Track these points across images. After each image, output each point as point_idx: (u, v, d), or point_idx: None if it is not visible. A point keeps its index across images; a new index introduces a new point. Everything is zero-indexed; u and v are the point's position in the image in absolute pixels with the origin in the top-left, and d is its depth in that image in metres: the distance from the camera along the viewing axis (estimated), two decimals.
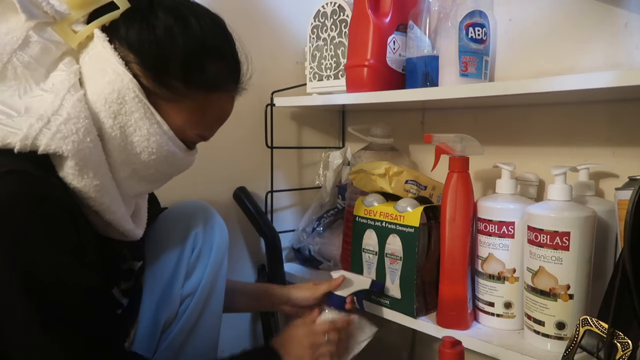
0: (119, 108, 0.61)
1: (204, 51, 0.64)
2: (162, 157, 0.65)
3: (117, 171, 0.64)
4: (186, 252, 0.81)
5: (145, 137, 0.63)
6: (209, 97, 0.66)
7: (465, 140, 0.83)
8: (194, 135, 0.68)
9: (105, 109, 0.60)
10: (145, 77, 0.62)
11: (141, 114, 0.62)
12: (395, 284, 0.90)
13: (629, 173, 0.76)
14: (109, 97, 0.60)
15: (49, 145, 0.55)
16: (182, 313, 0.80)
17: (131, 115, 0.61)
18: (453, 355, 0.71)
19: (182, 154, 0.68)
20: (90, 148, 0.58)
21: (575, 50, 0.86)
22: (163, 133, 0.64)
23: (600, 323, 0.65)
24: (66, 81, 0.60)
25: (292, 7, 1.21)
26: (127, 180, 0.65)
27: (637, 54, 0.79)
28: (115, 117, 0.61)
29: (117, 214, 0.64)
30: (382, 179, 0.93)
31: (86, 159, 0.58)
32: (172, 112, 0.64)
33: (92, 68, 0.62)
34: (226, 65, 0.67)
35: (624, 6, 0.81)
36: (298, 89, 1.17)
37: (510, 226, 0.80)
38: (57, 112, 0.57)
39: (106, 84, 0.60)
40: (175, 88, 0.63)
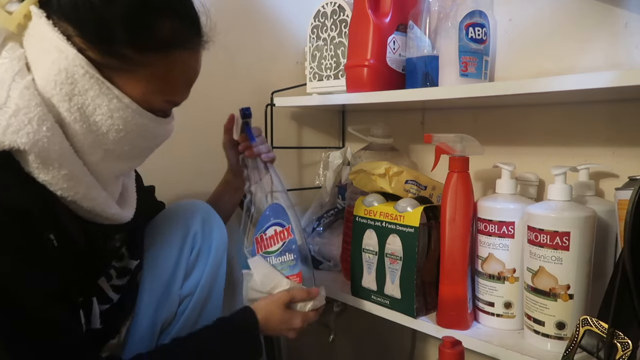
0: (71, 89, 0.56)
1: (148, 8, 0.57)
2: (133, 132, 0.61)
3: (88, 155, 0.60)
4: (185, 252, 0.81)
5: (107, 114, 0.58)
6: (166, 59, 0.60)
7: (465, 140, 0.83)
8: (161, 103, 0.62)
9: (57, 92, 0.56)
10: (91, 50, 0.56)
11: (96, 91, 0.57)
12: (395, 284, 0.90)
13: (629, 173, 0.76)
14: (57, 78, 0.55)
15: (2, 142, 0.52)
16: (181, 313, 0.80)
17: (86, 94, 0.56)
18: (453, 355, 0.71)
19: (155, 124, 0.63)
20: (49, 137, 0.54)
21: (575, 50, 0.86)
22: (125, 107, 0.58)
23: (600, 323, 0.65)
24: (10, 69, 0.55)
25: (292, 7, 1.21)
26: (102, 162, 0.61)
27: (637, 54, 0.79)
28: (70, 99, 0.56)
29: (96, 200, 0.61)
30: (382, 179, 0.93)
31: (46, 150, 0.54)
32: (130, 83, 0.58)
33: (35, 50, 0.57)
34: (178, 20, 0.60)
35: (624, 6, 0.81)
36: (298, 89, 1.17)
37: (510, 226, 0.80)
38: (4, 104, 0.53)
39: (53, 66, 0.55)
40: (126, 56, 0.57)
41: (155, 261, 0.79)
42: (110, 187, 0.65)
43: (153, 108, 0.62)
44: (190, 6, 0.63)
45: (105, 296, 0.73)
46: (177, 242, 0.81)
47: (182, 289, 0.80)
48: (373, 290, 0.94)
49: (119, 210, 0.66)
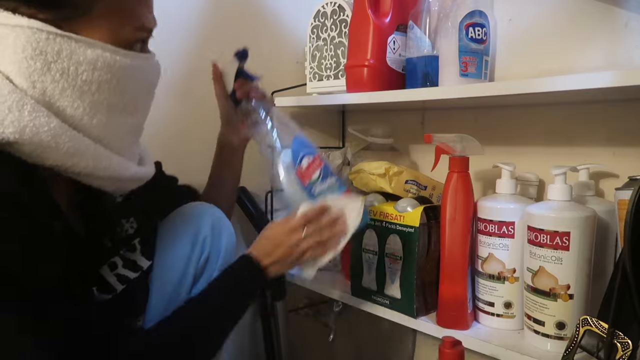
0: (43, 58, 0.54)
1: None
2: (123, 77, 0.59)
3: (91, 120, 0.58)
4: (194, 256, 0.80)
5: (90, 67, 0.56)
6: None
7: (465, 140, 0.83)
8: (132, 33, 0.60)
9: (34, 69, 0.54)
10: (40, 12, 0.54)
11: (68, 49, 0.55)
12: (395, 284, 0.90)
13: (629, 173, 0.76)
14: (25, 54, 0.53)
15: None
16: None
17: (60, 56, 0.54)
18: (453, 355, 0.71)
19: (139, 61, 0.61)
20: (34, 120, 0.53)
21: (575, 50, 0.86)
22: (102, 52, 0.57)
23: (600, 323, 0.65)
24: None
25: (292, 7, 1.21)
26: (109, 123, 0.60)
27: (637, 54, 0.79)
28: (49, 69, 0.54)
29: (109, 168, 0.60)
30: (382, 179, 0.93)
31: (37, 133, 0.53)
32: (93, 28, 0.57)
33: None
34: None
35: (624, 6, 0.81)
36: (298, 89, 1.17)
37: (510, 226, 0.80)
38: None
39: (13, 46, 0.53)
40: (72, 1, 0.55)
41: (164, 264, 0.79)
42: (125, 150, 0.64)
43: (127, 41, 0.60)
44: None
45: (107, 285, 0.71)
46: (187, 246, 0.80)
47: (191, 293, 0.79)
48: (373, 290, 0.94)
49: (137, 169, 0.65)
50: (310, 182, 0.81)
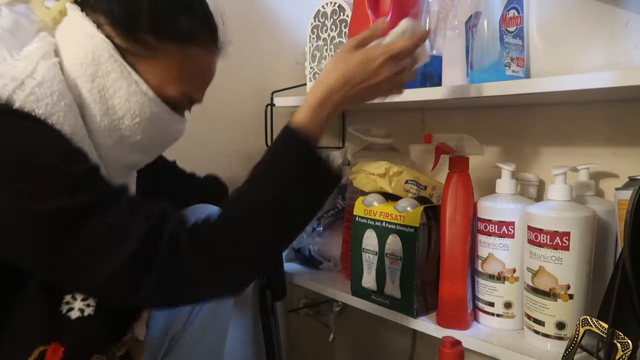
0: (95, 70, 0.60)
1: (174, 5, 0.64)
2: (147, 120, 0.64)
3: (102, 138, 0.63)
4: None
5: (125, 98, 0.62)
6: (184, 51, 0.64)
7: (465, 140, 0.83)
8: (176, 94, 0.65)
9: (82, 74, 0.60)
10: (118, 37, 0.61)
11: (118, 74, 0.61)
12: (395, 284, 0.90)
13: (629, 173, 0.76)
14: (84, 60, 0.60)
15: (22, 107, 0.55)
16: (191, 321, 0.79)
17: (108, 76, 0.61)
18: (453, 355, 0.71)
19: (168, 116, 0.66)
20: (65, 112, 0.58)
21: (575, 50, 0.86)
22: (143, 93, 0.62)
23: (600, 323, 0.65)
24: (39, 49, 0.60)
25: (292, 7, 1.21)
26: (114, 148, 0.64)
27: (637, 54, 0.79)
28: (93, 80, 0.61)
29: None
30: (382, 179, 0.93)
31: (60, 123, 0.57)
32: (149, 69, 0.63)
33: (65, 37, 0.62)
34: (198, 20, 0.66)
35: (624, 6, 0.80)
36: (298, 89, 1.17)
37: (510, 226, 0.80)
38: (31, 75, 0.57)
39: (80, 49, 0.60)
40: (148, 43, 0.62)
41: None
42: (117, 178, 0.66)
43: (168, 98, 0.65)
44: (210, 13, 0.69)
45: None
46: None
47: None
48: (373, 290, 0.94)
49: None
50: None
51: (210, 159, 1.10)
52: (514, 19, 0.84)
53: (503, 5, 0.83)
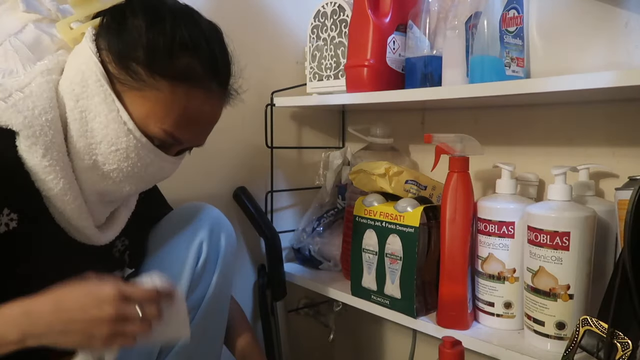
0: (81, 91, 0.61)
1: (175, 43, 0.62)
2: (123, 151, 0.62)
3: (77, 160, 0.62)
4: (190, 262, 0.76)
5: (104, 124, 0.61)
6: (175, 89, 0.62)
7: (465, 140, 0.83)
8: (159, 131, 0.63)
9: (69, 91, 0.61)
10: (111, 63, 0.62)
11: (101, 99, 0.61)
12: (395, 284, 0.90)
13: (629, 173, 0.76)
14: (74, 79, 0.61)
15: (0, 117, 0.56)
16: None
17: (92, 99, 0.61)
18: (453, 355, 0.71)
19: (149, 153, 0.64)
20: (43, 127, 0.58)
21: (575, 50, 0.86)
22: (122, 122, 0.61)
23: (600, 323, 0.65)
24: (43, 66, 0.62)
25: (292, 7, 1.21)
26: (87, 172, 0.63)
27: (637, 54, 0.79)
28: (77, 101, 0.61)
29: (69, 205, 0.62)
30: (382, 179, 0.93)
31: (36, 137, 0.58)
32: (135, 102, 0.62)
33: (72, 57, 0.64)
34: (201, 61, 0.64)
35: (624, 6, 0.80)
36: (298, 89, 1.17)
37: (510, 226, 0.80)
38: (22, 89, 0.58)
39: (74, 68, 0.62)
40: (138, 74, 0.61)
41: (159, 270, 0.75)
42: (92, 205, 0.66)
43: (150, 134, 0.63)
44: (219, 57, 0.66)
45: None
46: (183, 251, 0.76)
47: (188, 300, 0.74)
48: (373, 290, 0.94)
49: (92, 228, 0.66)
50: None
51: (209, 159, 1.10)
52: (514, 19, 0.84)
53: (503, 5, 0.83)
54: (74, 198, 0.62)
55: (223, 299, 0.80)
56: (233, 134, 1.13)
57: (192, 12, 0.67)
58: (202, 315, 0.77)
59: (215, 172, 1.11)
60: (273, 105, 1.16)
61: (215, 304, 0.78)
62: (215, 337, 0.81)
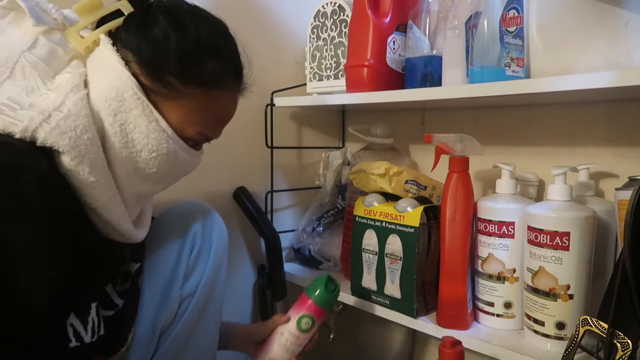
0: (118, 105, 0.62)
1: (201, 49, 0.65)
2: (163, 155, 0.66)
3: (118, 169, 0.64)
4: (185, 253, 0.80)
5: (145, 134, 0.64)
6: (206, 94, 0.67)
7: (465, 140, 0.83)
8: (194, 134, 0.68)
9: (105, 107, 0.62)
10: (144, 75, 0.63)
11: (140, 111, 0.63)
12: (395, 284, 0.90)
13: (629, 173, 0.76)
14: (109, 95, 0.62)
15: (46, 139, 0.56)
16: (181, 315, 0.79)
17: (130, 112, 0.63)
18: (453, 355, 0.71)
19: (185, 153, 0.69)
20: (87, 145, 0.59)
21: (575, 50, 0.86)
22: (162, 130, 0.65)
23: (600, 323, 0.65)
24: (70, 81, 0.62)
25: (292, 7, 1.21)
26: (128, 178, 0.66)
27: (637, 54, 0.79)
28: (115, 115, 0.62)
29: (114, 213, 0.65)
30: (382, 179, 0.93)
31: (82, 156, 0.59)
32: (171, 110, 0.65)
33: (95, 69, 0.64)
34: (224, 64, 0.68)
35: (624, 6, 0.80)
36: (298, 89, 1.17)
37: (510, 226, 0.80)
38: (58, 108, 0.58)
39: (107, 83, 0.62)
40: (172, 85, 0.64)
41: (154, 262, 0.79)
42: (130, 207, 0.69)
43: (186, 137, 0.68)
44: (236, 56, 0.71)
45: (110, 302, 0.73)
46: (177, 243, 0.81)
47: (182, 290, 0.80)
48: (373, 290, 0.94)
49: (132, 229, 0.70)
50: None
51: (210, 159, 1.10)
52: (514, 19, 0.84)
53: (503, 5, 0.83)
54: (117, 205, 0.65)
55: (217, 288, 0.83)
56: (233, 134, 1.13)
57: (203, 12, 0.69)
58: (196, 303, 0.80)
59: (215, 172, 1.11)
60: (273, 105, 1.16)
61: (209, 292, 0.81)
62: (210, 327, 0.83)
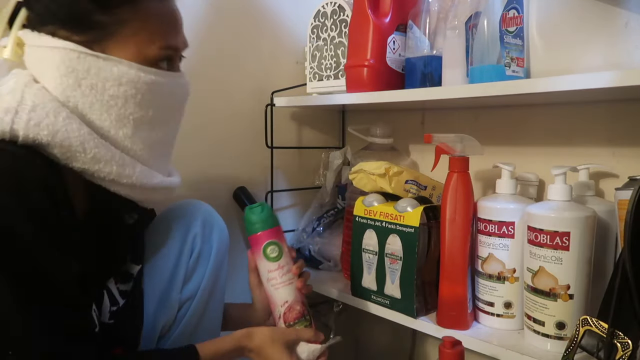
0: (74, 76, 0.60)
1: None
2: (147, 92, 0.64)
3: (118, 130, 0.63)
4: (184, 255, 0.80)
5: (116, 83, 0.62)
6: (138, 10, 0.63)
7: (465, 140, 0.83)
8: (157, 52, 0.65)
9: (65, 86, 0.60)
10: (74, 34, 0.61)
11: (96, 67, 0.61)
12: (395, 284, 0.90)
13: (629, 173, 0.76)
14: (60, 73, 0.60)
15: (27, 135, 0.56)
16: (181, 318, 0.79)
17: (89, 73, 0.61)
18: (453, 355, 0.71)
19: (163, 78, 0.65)
20: (67, 125, 0.58)
21: (575, 50, 0.86)
22: (128, 69, 0.62)
23: (600, 323, 0.65)
24: (20, 82, 0.60)
25: (292, 7, 1.21)
26: (134, 135, 0.65)
27: (637, 54, 0.79)
28: (79, 86, 0.61)
29: (133, 176, 0.64)
30: (382, 179, 0.93)
31: (67, 138, 0.58)
32: (120, 46, 0.62)
33: (36, 63, 0.63)
34: None
35: (624, 6, 0.80)
36: (298, 89, 1.17)
37: (510, 226, 0.80)
38: (21, 103, 0.57)
39: (52, 66, 0.60)
40: (102, 22, 0.61)
41: (153, 264, 0.79)
42: (152, 161, 0.67)
43: (153, 59, 0.65)
44: None
45: (113, 297, 0.73)
46: (177, 245, 0.80)
47: (182, 293, 0.79)
48: (373, 290, 0.94)
49: (162, 178, 0.68)
50: None
51: (210, 159, 1.10)
52: (514, 19, 0.84)
53: (503, 5, 0.83)
54: (132, 167, 0.64)
55: (217, 290, 0.83)
56: (233, 134, 1.13)
57: None
58: (196, 306, 0.79)
59: (215, 172, 1.11)
60: (273, 105, 1.16)
61: (209, 294, 0.81)
62: (211, 330, 0.82)
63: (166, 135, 0.71)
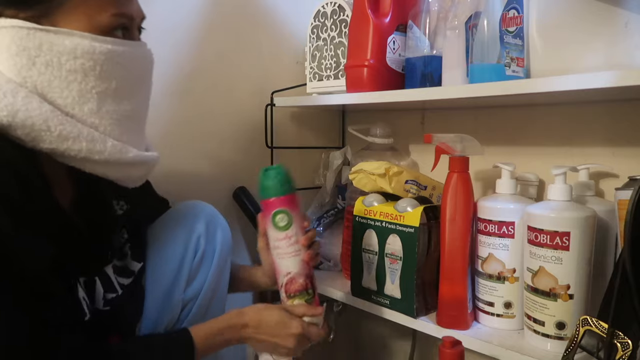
0: (27, 54, 0.58)
1: None
2: (106, 62, 0.61)
3: (81, 108, 0.60)
4: (188, 255, 0.80)
5: (72, 56, 0.59)
6: None
7: (465, 140, 0.83)
8: (110, 19, 0.61)
9: (21, 65, 0.58)
10: (20, 11, 0.58)
11: (48, 42, 0.58)
12: (395, 284, 0.90)
13: (629, 173, 0.76)
14: (11, 52, 0.58)
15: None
16: (184, 317, 0.79)
17: (41, 50, 0.58)
18: (453, 355, 0.71)
19: (122, 47, 0.62)
20: (27, 105, 0.57)
21: (575, 50, 0.86)
22: (81, 40, 0.59)
23: (600, 323, 0.65)
24: None
25: (292, 7, 1.21)
26: (100, 110, 0.62)
27: (637, 54, 0.79)
28: (34, 64, 0.58)
29: (105, 151, 0.61)
30: (382, 179, 0.93)
31: (29, 117, 0.56)
32: (70, 17, 0.60)
33: None
34: None
35: (624, 6, 0.80)
36: (298, 89, 1.17)
37: (510, 226, 0.80)
38: None
39: (3, 49, 0.58)
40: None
41: (157, 264, 0.79)
42: (124, 135, 0.65)
43: (106, 28, 0.61)
44: None
45: (111, 284, 0.71)
46: (180, 245, 0.80)
47: (185, 293, 0.79)
48: (373, 290, 0.94)
49: (137, 152, 0.66)
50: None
51: (210, 159, 1.10)
52: (514, 19, 0.84)
53: (503, 5, 0.83)
54: (102, 142, 0.61)
55: (220, 291, 0.83)
56: (233, 134, 1.13)
57: None
58: (199, 306, 0.80)
59: (215, 172, 1.11)
60: (273, 105, 1.16)
61: (212, 295, 0.81)
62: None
63: (135, 108, 0.67)
